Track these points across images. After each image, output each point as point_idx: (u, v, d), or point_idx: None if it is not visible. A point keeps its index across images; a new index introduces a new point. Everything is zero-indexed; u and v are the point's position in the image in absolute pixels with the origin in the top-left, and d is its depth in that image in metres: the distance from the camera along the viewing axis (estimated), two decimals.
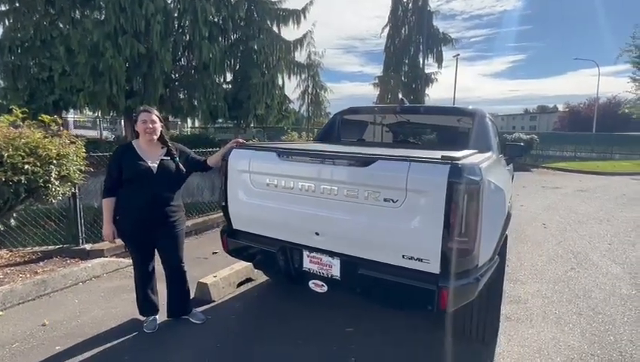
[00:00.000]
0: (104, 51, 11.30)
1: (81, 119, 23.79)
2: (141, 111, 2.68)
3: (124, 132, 14.92)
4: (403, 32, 19.76)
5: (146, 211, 2.62)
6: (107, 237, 2.63)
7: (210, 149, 8.12)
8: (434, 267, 1.99)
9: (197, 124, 20.56)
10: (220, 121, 18.41)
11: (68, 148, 3.57)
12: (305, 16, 14.97)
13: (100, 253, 4.15)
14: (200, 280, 3.37)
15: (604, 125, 31.08)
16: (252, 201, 2.60)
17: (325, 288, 2.41)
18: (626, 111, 27.73)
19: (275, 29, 14.96)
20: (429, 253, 1.99)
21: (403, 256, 2.07)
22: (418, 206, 1.99)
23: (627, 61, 22.34)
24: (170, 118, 16.59)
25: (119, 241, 2.77)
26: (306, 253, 2.45)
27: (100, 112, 12.76)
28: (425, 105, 3.57)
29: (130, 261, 2.96)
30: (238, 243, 2.74)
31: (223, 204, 2.76)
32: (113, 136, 22.09)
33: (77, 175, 3.71)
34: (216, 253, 4.60)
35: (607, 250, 5.17)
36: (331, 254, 2.35)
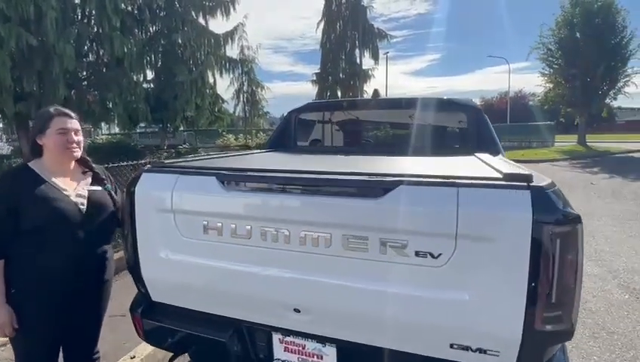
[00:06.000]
0: None
1: None
2: (54, 115, 1.65)
3: (26, 144, 12.27)
4: (338, 27, 19.29)
5: (70, 276, 1.61)
6: (2, 328, 1.56)
7: (133, 162, 6.57)
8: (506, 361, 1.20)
9: (116, 129, 18.04)
10: (143, 125, 16.35)
11: None
12: (234, 8, 13.70)
13: None
14: None
15: (515, 116, 34.06)
16: (181, 258, 1.59)
17: None
18: (537, 102, 30.68)
19: (201, 21, 13.47)
20: (497, 340, 1.19)
21: (452, 346, 1.25)
22: (478, 262, 1.17)
23: (537, 58, 24.52)
24: (82, 125, 14.19)
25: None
26: (277, 338, 1.52)
27: None
28: (408, 98, 2.81)
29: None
30: (160, 325, 1.70)
31: (132, 263, 1.69)
32: (10, 148, 18.60)
33: None
34: None
35: None
36: (321, 339, 1.45)
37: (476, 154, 2.21)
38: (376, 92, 3.50)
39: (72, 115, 1.72)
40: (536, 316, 1.13)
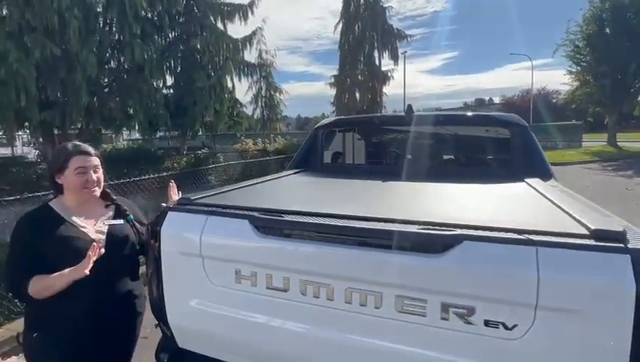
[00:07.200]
0: (6, 53, 9.16)
1: None
2: (73, 154, 1.58)
3: (50, 151, 12.46)
4: (357, 28, 19.05)
5: (93, 316, 1.52)
6: (82, 268, 1.42)
7: (155, 175, 6.58)
8: None
9: (137, 135, 18.36)
10: (164, 129, 16.54)
11: None
12: (252, 12, 13.65)
13: None
14: None
15: (538, 115, 32.97)
16: (211, 307, 1.45)
17: None
18: (562, 101, 29.58)
19: (219, 25, 13.48)
20: None
21: None
22: (562, 338, 0.98)
23: (563, 55, 23.60)
24: (103, 131, 14.50)
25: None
26: None
27: (6, 129, 10.48)
28: (446, 114, 2.61)
29: None
30: None
31: (158, 307, 1.57)
32: (37, 152, 19.05)
33: None
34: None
35: None
36: None
37: (526, 179, 2.00)
38: (409, 108, 3.32)
39: (91, 151, 1.62)
40: None
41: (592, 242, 1.00)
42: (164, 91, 12.98)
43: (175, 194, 1.88)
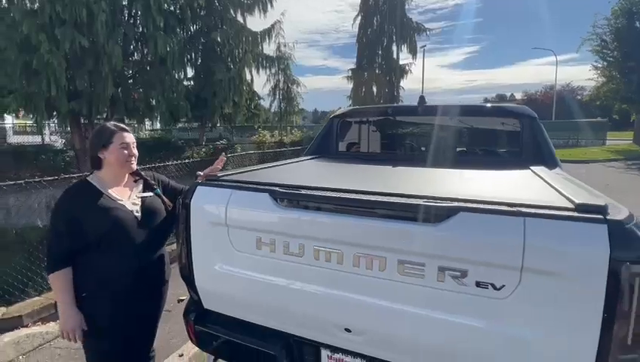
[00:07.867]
0: (38, 45, 9.62)
1: (27, 123, 21.27)
2: (116, 131, 1.76)
3: (77, 140, 12.93)
4: (375, 21, 18.97)
5: (132, 279, 1.74)
6: (72, 333, 1.65)
7: (175, 162, 6.91)
8: None
9: (158, 126, 18.90)
10: (184, 120, 16.99)
11: None
12: (272, 5, 13.82)
13: (16, 321, 2.99)
14: None
15: (562, 112, 32.07)
16: (234, 271, 1.63)
17: None
18: (586, 97, 28.70)
19: (239, 18, 13.71)
20: None
21: None
22: (545, 298, 1.12)
23: (589, 50, 22.83)
24: (126, 121, 14.98)
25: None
26: (325, 354, 1.53)
27: (37, 117, 11.00)
28: (458, 105, 2.71)
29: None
30: (212, 333, 1.76)
31: (187, 272, 1.76)
32: (63, 141, 19.78)
33: None
34: (182, 300, 3.54)
35: None
36: (371, 360, 1.44)
37: (532, 167, 2.10)
38: (422, 99, 3.41)
39: (128, 129, 1.82)
40: (609, 360, 1.06)
41: (574, 213, 1.12)
42: (185, 83, 13.33)
43: (218, 163, 2.04)
